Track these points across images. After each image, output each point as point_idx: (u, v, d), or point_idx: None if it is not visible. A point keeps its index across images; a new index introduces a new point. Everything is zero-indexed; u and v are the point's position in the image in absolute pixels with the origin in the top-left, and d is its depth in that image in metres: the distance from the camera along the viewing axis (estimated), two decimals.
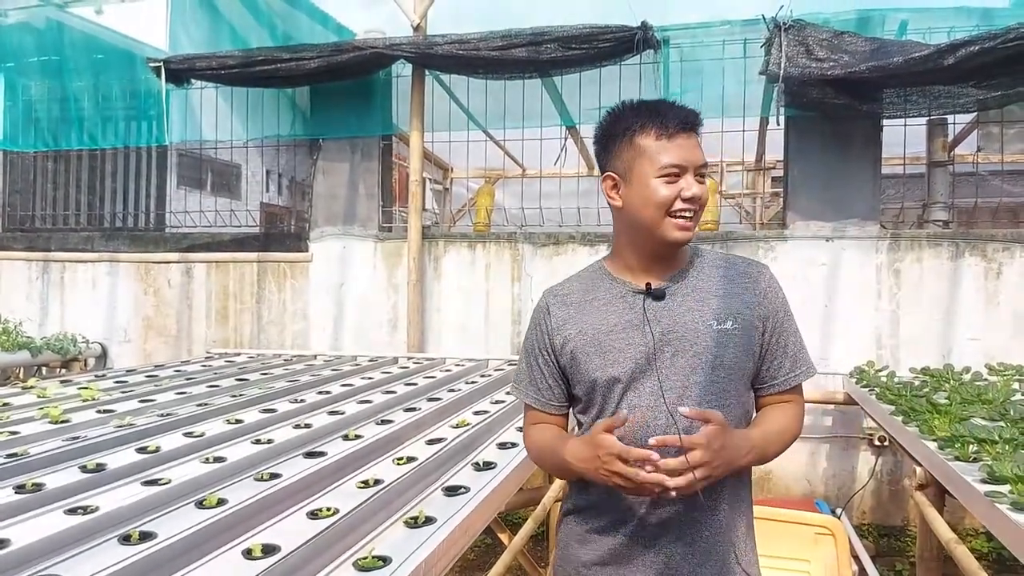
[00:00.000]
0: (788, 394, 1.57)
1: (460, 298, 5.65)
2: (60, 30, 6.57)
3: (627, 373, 1.49)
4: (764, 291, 1.55)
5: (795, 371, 1.56)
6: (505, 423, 3.07)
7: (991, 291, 4.80)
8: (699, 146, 1.49)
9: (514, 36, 5.06)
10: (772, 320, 1.54)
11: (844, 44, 4.44)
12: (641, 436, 1.46)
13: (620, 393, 1.50)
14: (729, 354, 1.48)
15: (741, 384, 1.51)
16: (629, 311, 1.52)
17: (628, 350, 1.50)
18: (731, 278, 1.55)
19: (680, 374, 1.47)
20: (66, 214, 7.28)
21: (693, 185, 1.46)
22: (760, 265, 1.61)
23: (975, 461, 2.52)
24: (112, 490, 1.98)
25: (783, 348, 1.55)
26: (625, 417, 1.43)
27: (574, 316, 1.59)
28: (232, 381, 3.96)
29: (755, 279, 1.56)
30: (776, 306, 1.56)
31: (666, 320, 1.49)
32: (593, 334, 1.54)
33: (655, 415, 1.46)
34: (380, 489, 1.99)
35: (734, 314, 1.50)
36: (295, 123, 6.24)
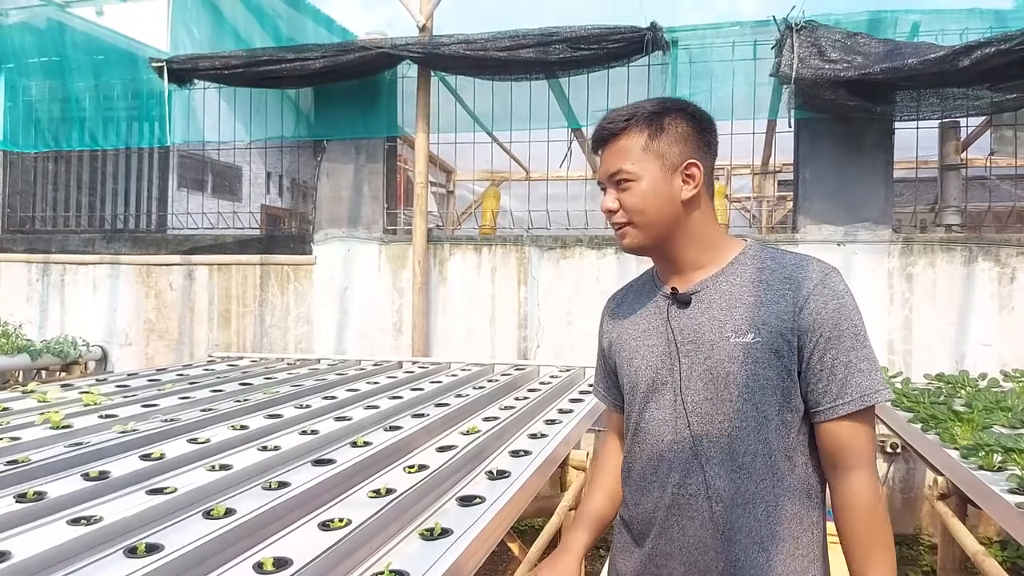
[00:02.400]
0: (843, 430, 1.32)
1: (465, 302, 5.59)
2: (61, 30, 6.52)
3: (647, 382, 1.44)
4: (806, 299, 1.33)
5: (842, 398, 1.31)
6: (516, 430, 3.01)
7: (1005, 296, 4.74)
8: (614, 153, 1.41)
9: (522, 36, 5.01)
10: (814, 334, 1.32)
11: (857, 45, 4.39)
12: (652, 452, 1.43)
13: (641, 402, 1.46)
14: (745, 371, 1.33)
15: (769, 406, 1.33)
16: (656, 316, 1.47)
17: (650, 357, 1.45)
18: (768, 283, 1.37)
19: (694, 389, 1.38)
20: (67, 216, 7.22)
21: (606, 198, 1.43)
22: (814, 267, 1.37)
23: (1000, 471, 2.46)
24: (116, 499, 1.91)
25: (829, 369, 1.31)
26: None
27: (619, 318, 1.57)
28: (236, 385, 3.89)
29: (797, 284, 1.35)
30: (823, 318, 1.32)
31: (687, 329, 1.40)
32: (626, 338, 1.51)
33: (667, 430, 1.40)
34: (393, 499, 1.92)
35: (759, 325, 1.33)
36: (298, 124, 6.18)
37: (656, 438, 1.42)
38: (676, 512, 1.38)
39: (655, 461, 1.42)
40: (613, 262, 5.31)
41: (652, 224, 1.40)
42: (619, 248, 5.41)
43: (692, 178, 1.39)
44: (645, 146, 1.38)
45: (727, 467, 1.34)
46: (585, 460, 3.07)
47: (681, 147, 1.39)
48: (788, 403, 1.34)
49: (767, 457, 1.34)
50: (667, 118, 1.40)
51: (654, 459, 1.42)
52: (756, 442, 1.33)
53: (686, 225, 1.41)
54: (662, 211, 1.39)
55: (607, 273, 5.31)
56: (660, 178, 1.38)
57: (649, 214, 1.39)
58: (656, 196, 1.38)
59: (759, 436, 1.33)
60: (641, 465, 1.45)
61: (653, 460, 1.42)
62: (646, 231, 1.41)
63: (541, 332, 5.42)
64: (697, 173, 1.39)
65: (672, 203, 1.39)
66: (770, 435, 1.33)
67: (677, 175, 1.39)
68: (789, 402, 1.34)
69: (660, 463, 1.41)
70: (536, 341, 5.43)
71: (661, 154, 1.38)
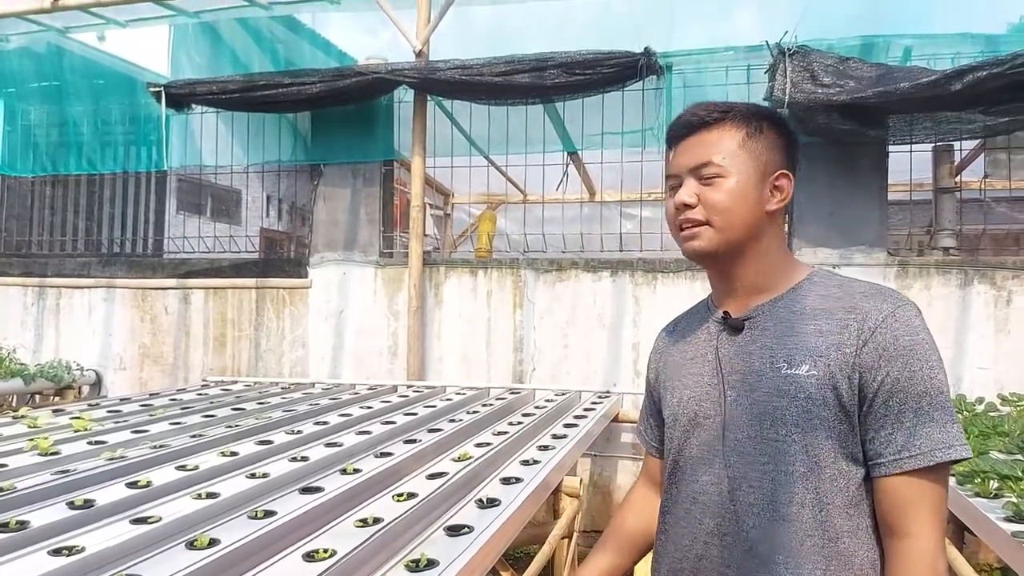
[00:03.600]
0: (906, 487, 1.13)
1: (461, 325, 5.57)
2: (61, 55, 6.57)
3: (688, 415, 1.32)
4: (872, 331, 1.15)
5: (909, 450, 1.12)
6: (509, 456, 2.98)
7: (1001, 319, 4.72)
8: (702, 144, 1.27)
9: (517, 62, 5.04)
10: (877, 374, 1.14)
11: (850, 70, 4.41)
12: (687, 494, 1.31)
13: (680, 437, 1.34)
14: (796, 407, 1.17)
15: (822, 450, 1.16)
16: (705, 343, 1.34)
17: (694, 388, 1.32)
18: (831, 311, 1.21)
19: (738, 425, 1.23)
20: (63, 239, 7.23)
21: (683, 189, 1.27)
22: (887, 297, 1.19)
23: (996, 498, 2.43)
24: (99, 528, 1.88)
25: (895, 415, 1.13)
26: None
27: (669, 348, 1.45)
28: (228, 411, 3.87)
29: (864, 315, 1.17)
30: (890, 355, 1.14)
31: (736, 358, 1.27)
32: (672, 366, 1.40)
33: (703, 470, 1.27)
34: (379, 529, 1.89)
35: (815, 356, 1.17)
36: (296, 148, 6.20)
37: (692, 478, 1.30)
38: (707, 564, 1.25)
39: (688, 503, 1.30)
40: (609, 285, 5.30)
41: (732, 228, 1.25)
42: (614, 271, 5.46)
43: (780, 190, 1.28)
44: (743, 143, 1.26)
45: (767, 517, 1.18)
46: (579, 486, 3.04)
47: (776, 155, 1.28)
48: (845, 449, 1.16)
49: (817, 509, 1.16)
50: (765, 122, 1.29)
51: (687, 501, 1.30)
52: (804, 491, 1.16)
53: (760, 240, 1.28)
54: (746, 217, 1.25)
55: (603, 296, 5.30)
56: (753, 181, 1.25)
57: (733, 217, 1.24)
58: (745, 198, 1.24)
59: (807, 484, 1.16)
60: (676, 508, 1.33)
61: (686, 503, 1.30)
62: (723, 235, 1.25)
63: (537, 356, 5.40)
64: (787, 186, 1.28)
65: (758, 212, 1.25)
66: (823, 485, 1.16)
67: (767, 184, 1.26)
68: (846, 448, 1.16)
69: (693, 506, 1.28)
70: (532, 365, 5.41)
71: (757, 156, 1.26)
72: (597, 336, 5.28)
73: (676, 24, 5.97)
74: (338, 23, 6.71)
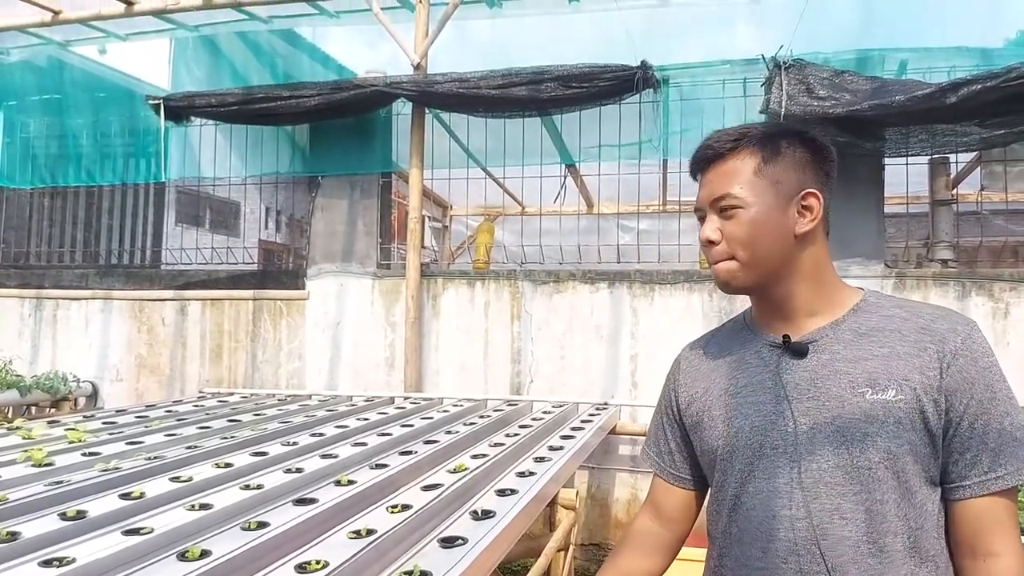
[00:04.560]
0: (990, 509, 1.12)
1: (458, 337, 5.56)
2: (61, 68, 6.61)
3: (752, 446, 1.23)
4: (953, 354, 1.14)
5: (995, 471, 1.12)
6: (505, 467, 2.97)
7: (999, 331, 4.72)
8: (719, 176, 1.24)
9: (514, 75, 5.07)
10: (963, 397, 1.13)
11: (845, 83, 4.44)
12: (759, 533, 1.21)
13: (743, 471, 1.24)
14: (886, 433, 1.13)
15: (913, 475, 1.14)
16: (763, 369, 1.26)
17: (755, 417, 1.24)
18: (904, 333, 1.18)
19: (819, 455, 1.16)
20: (61, 251, 7.23)
21: (705, 225, 1.26)
22: (956, 320, 1.19)
23: None
24: (91, 540, 1.87)
25: (980, 437, 1.12)
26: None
27: (706, 372, 1.36)
28: (224, 422, 3.85)
29: (941, 338, 1.16)
30: (972, 377, 1.13)
31: (804, 383, 1.20)
32: (718, 393, 1.31)
33: (781, 504, 1.18)
34: (373, 540, 1.88)
35: (900, 380, 1.14)
36: (294, 160, 6.22)
37: (765, 515, 1.20)
38: None
39: (763, 542, 1.20)
40: (606, 297, 5.30)
41: (760, 261, 1.21)
42: (612, 283, 5.47)
43: (810, 210, 1.22)
44: (758, 170, 1.21)
45: (862, 550, 1.13)
46: (575, 499, 3.03)
47: (799, 174, 1.22)
48: (927, 473, 1.15)
49: (907, 537, 1.14)
50: (783, 141, 1.24)
51: (763, 539, 1.20)
52: (897, 519, 1.14)
53: (798, 263, 1.23)
54: (773, 246, 1.21)
55: (600, 308, 5.30)
56: (774, 207, 1.21)
57: (758, 248, 1.21)
58: (767, 227, 1.20)
59: (900, 512, 1.13)
60: (744, 548, 1.23)
61: (760, 542, 1.20)
62: (752, 270, 1.22)
63: (534, 367, 5.39)
64: (816, 204, 1.22)
65: (785, 237, 1.21)
66: (912, 511, 1.14)
67: (792, 205, 1.21)
68: (928, 472, 1.15)
69: (770, 544, 1.19)
70: (529, 376, 5.40)
71: (776, 180, 1.21)
72: (595, 348, 5.28)
73: (673, 38, 6.02)
74: (337, 36, 6.76)
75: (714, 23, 6.09)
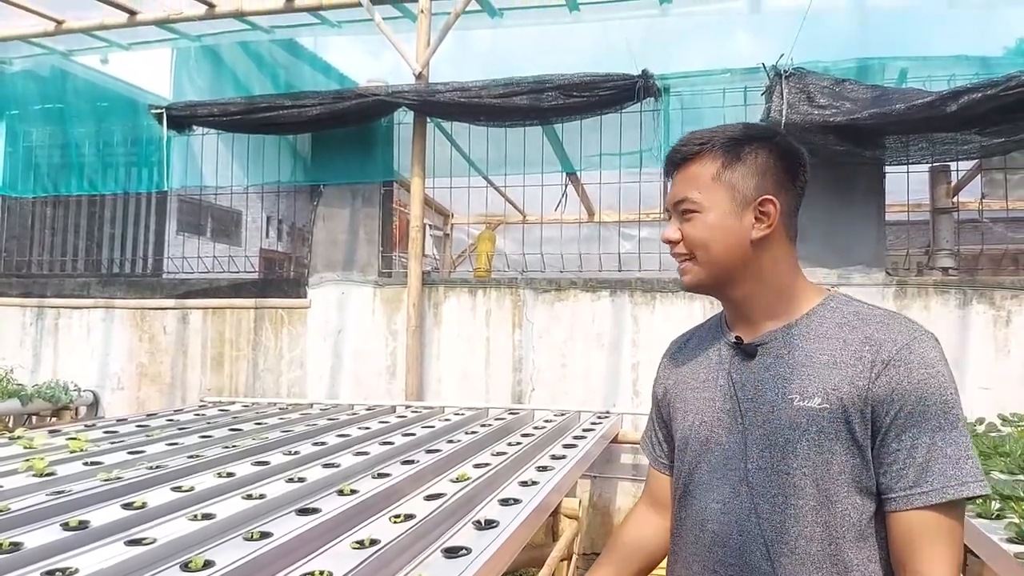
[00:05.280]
0: (921, 524, 1.10)
1: (460, 345, 5.56)
2: (64, 77, 6.63)
3: (699, 440, 1.30)
4: (885, 364, 1.13)
5: (920, 486, 1.10)
6: (507, 477, 2.96)
7: (1000, 339, 4.72)
8: (683, 179, 1.29)
9: (516, 84, 5.08)
10: (890, 407, 1.12)
11: (846, 91, 4.45)
12: (697, 520, 1.28)
13: (691, 462, 1.31)
14: (808, 441, 1.15)
15: (835, 484, 1.15)
16: (717, 366, 1.32)
17: (705, 412, 1.30)
18: (847, 341, 1.19)
19: (751, 455, 1.22)
20: (63, 260, 7.24)
21: (667, 226, 1.32)
22: (901, 328, 1.17)
23: (999, 518, 2.42)
24: (93, 550, 1.87)
25: (907, 450, 1.11)
26: None
27: (678, 365, 1.43)
28: (225, 431, 3.85)
29: (878, 346, 1.15)
30: (905, 390, 1.12)
31: (748, 385, 1.25)
32: (683, 387, 1.38)
33: (714, 497, 1.25)
34: (376, 550, 1.88)
35: (828, 389, 1.16)
36: (296, 169, 6.23)
37: (702, 504, 1.28)
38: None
39: (697, 530, 1.28)
40: (608, 305, 5.30)
41: (715, 262, 1.26)
42: (613, 291, 5.46)
43: (766, 216, 1.24)
44: (716, 175, 1.25)
45: (778, 550, 1.17)
46: (578, 508, 3.02)
47: (758, 180, 1.25)
48: (858, 483, 1.15)
49: (827, 544, 1.15)
50: (747, 147, 1.26)
51: (696, 528, 1.28)
52: (815, 525, 1.15)
53: (755, 268, 1.26)
54: (727, 249, 1.25)
55: (602, 316, 5.30)
56: (729, 212, 1.24)
57: (712, 250, 1.25)
58: (722, 231, 1.24)
59: (819, 518, 1.15)
60: (686, 533, 1.32)
61: (696, 529, 1.28)
62: (708, 269, 1.27)
63: (535, 375, 5.38)
64: (772, 211, 1.24)
65: (740, 241, 1.24)
66: (833, 519, 1.14)
67: (749, 211, 1.24)
68: (859, 482, 1.15)
69: (703, 533, 1.27)
70: (531, 384, 5.39)
71: (733, 186, 1.25)
72: (596, 356, 5.27)
73: (673, 46, 6.04)
74: (338, 46, 6.79)
75: (714, 32, 6.12)
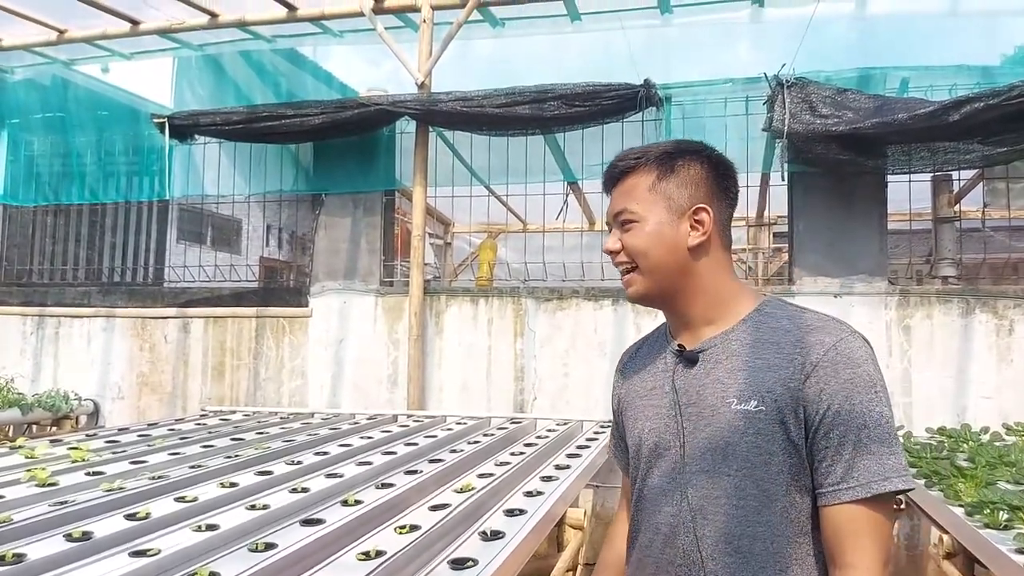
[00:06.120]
0: (849, 518, 1.15)
1: (462, 354, 5.55)
2: (65, 87, 6.64)
3: (649, 446, 1.33)
4: (815, 365, 1.18)
5: (847, 481, 1.15)
6: (511, 487, 2.95)
7: (1003, 348, 4.71)
8: (621, 192, 1.34)
9: (518, 93, 5.09)
10: (819, 407, 1.17)
11: (848, 101, 4.46)
12: (650, 524, 1.32)
13: (644, 468, 1.35)
14: (747, 443, 1.20)
15: (773, 484, 1.19)
16: (662, 374, 1.35)
17: (654, 419, 1.33)
18: (780, 345, 1.23)
19: (694, 459, 1.26)
20: (64, 268, 7.22)
21: (609, 237, 1.36)
22: (831, 329, 1.23)
23: (1007, 529, 2.40)
24: (97, 562, 1.86)
25: (835, 447, 1.16)
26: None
27: (629, 374, 1.46)
28: (227, 441, 3.83)
29: (808, 349, 1.20)
30: (833, 389, 1.17)
31: (691, 390, 1.29)
32: (633, 396, 1.41)
33: (664, 501, 1.29)
34: (382, 562, 1.86)
35: (763, 392, 1.20)
36: (298, 178, 6.23)
37: (653, 509, 1.31)
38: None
39: (651, 534, 1.31)
40: (610, 314, 5.29)
41: (655, 270, 1.30)
42: (616, 300, 5.45)
43: (701, 224, 1.30)
44: (652, 186, 1.31)
45: (723, 549, 1.21)
46: (582, 518, 3.01)
47: (691, 190, 1.31)
48: (797, 482, 1.19)
49: (770, 542, 1.19)
50: (680, 160, 1.32)
51: (650, 532, 1.32)
52: (757, 524, 1.19)
53: (694, 275, 1.31)
54: (666, 256, 1.29)
55: (604, 325, 5.29)
56: (665, 221, 1.29)
57: (652, 257, 1.30)
58: (660, 239, 1.29)
59: (761, 518, 1.19)
60: (640, 537, 1.35)
61: (649, 533, 1.32)
62: (650, 277, 1.31)
63: (538, 384, 5.37)
64: (707, 219, 1.30)
65: (677, 249, 1.29)
66: (774, 518, 1.19)
67: (685, 220, 1.29)
68: (798, 481, 1.19)
69: (655, 537, 1.30)
70: (533, 394, 5.38)
71: (668, 196, 1.30)
72: (598, 365, 5.26)
73: (674, 56, 6.05)
74: (340, 55, 6.81)
75: (715, 42, 6.13)
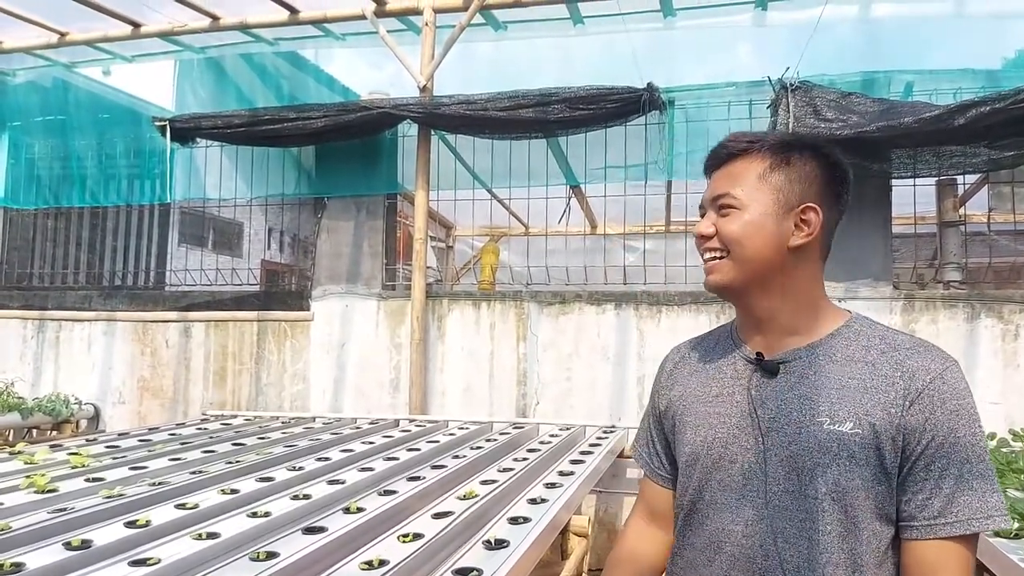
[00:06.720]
0: (938, 554, 1.09)
1: (464, 358, 5.52)
2: (66, 89, 6.63)
3: (712, 456, 1.23)
4: (919, 392, 1.11)
5: (945, 516, 1.09)
6: (516, 493, 2.92)
7: (1009, 353, 4.68)
8: (726, 176, 1.25)
9: (521, 97, 5.07)
10: (922, 437, 1.10)
11: (852, 105, 4.44)
12: (709, 542, 1.22)
13: (700, 478, 1.25)
14: (838, 466, 1.11)
15: (861, 511, 1.12)
16: (733, 381, 1.26)
17: (720, 428, 1.24)
18: (876, 365, 1.15)
19: (776, 477, 1.17)
20: (64, 272, 7.20)
21: (702, 221, 1.27)
22: (932, 357, 1.15)
23: (1017, 537, 2.38)
24: (97, 571, 1.83)
25: (935, 480, 1.10)
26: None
27: (684, 377, 1.36)
28: (228, 446, 3.80)
29: (911, 374, 1.13)
30: (939, 419, 1.10)
31: (770, 403, 1.19)
32: (692, 400, 1.31)
33: (729, 519, 1.20)
34: (386, 572, 1.84)
35: (860, 414, 1.12)
36: (300, 182, 6.21)
37: (714, 525, 1.22)
38: None
39: (710, 552, 1.22)
40: (613, 318, 5.27)
41: (749, 261, 1.20)
42: (618, 304, 5.43)
43: (807, 224, 1.21)
44: (762, 175, 1.22)
45: (804, 575, 1.14)
46: (587, 526, 2.97)
47: (803, 187, 1.22)
48: (881, 510, 1.13)
49: (851, 570, 1.12)
50: (796, 153, 1.23)
51: (709, 549, 1.22)
52: (840, 551, 1.12)
53: (788, 277, 1.21)
54: (763, 250, 1.19)
55: (607, 329, 5.27)
56: (770, 213, 1.20)
57: (747, 248, 1.20)
58: (760, 231, 1.20)
59: (845, 545, 1.12)
60: (693, 554, 1.26)
61: (708, 550, 1.23)
62: (740, 268, 1.21)
63: (540, 389, 5.34)
64: (815, 220, 1.21)
65: (777, 246, 1.20)
66: (860, 547, 1.12)
67: (791, 217, 1.20)
68: (882, 509, 1.13)
69: (717, 555, 1.21)
70: (535, 398, 5.35)
71: (778, 188, 1.21)
72: (601, 369, 5.23)
73: (678, 59, 6.03)
74: (342, 58, 6.80)
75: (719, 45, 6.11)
